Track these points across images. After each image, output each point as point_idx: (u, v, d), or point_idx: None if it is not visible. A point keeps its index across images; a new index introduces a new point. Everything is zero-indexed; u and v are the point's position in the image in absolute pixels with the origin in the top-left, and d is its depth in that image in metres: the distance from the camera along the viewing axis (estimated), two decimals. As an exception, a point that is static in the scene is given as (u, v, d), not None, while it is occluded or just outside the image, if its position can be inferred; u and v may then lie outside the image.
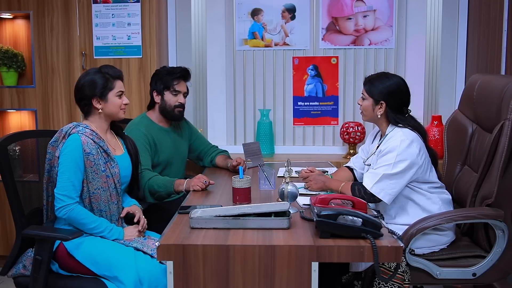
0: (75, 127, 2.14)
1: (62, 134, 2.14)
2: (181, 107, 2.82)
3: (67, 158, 2.08)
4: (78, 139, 2.10)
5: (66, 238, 2.02)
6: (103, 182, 2.14)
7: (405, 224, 2.26)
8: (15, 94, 3.41)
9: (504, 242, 2.15)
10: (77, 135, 2.11)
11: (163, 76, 2.81)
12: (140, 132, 2.70)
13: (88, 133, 2.13)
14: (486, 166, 2.19)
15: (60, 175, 2.08)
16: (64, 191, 2.07)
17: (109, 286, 1.99)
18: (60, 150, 2.10)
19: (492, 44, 2.98)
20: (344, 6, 3.55)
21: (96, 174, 2.13)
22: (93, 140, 2.13)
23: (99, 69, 2.23)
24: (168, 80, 2.79)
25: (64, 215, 2.07)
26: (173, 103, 2.80)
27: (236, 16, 3.61)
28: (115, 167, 2.19)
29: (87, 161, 2.10)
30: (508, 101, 2.12)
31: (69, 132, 2.13)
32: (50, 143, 2.16)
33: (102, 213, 2.16)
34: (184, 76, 2.83)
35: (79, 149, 2.09)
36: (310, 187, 2.40)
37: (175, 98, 2.80)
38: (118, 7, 3.33)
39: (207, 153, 3.08)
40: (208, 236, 1.79)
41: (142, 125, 2.77)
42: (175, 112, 2.81)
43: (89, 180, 2.12)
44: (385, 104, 2.31)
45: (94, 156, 2.11)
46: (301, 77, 3.64)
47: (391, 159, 2.21)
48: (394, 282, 2.08)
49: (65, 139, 2.11)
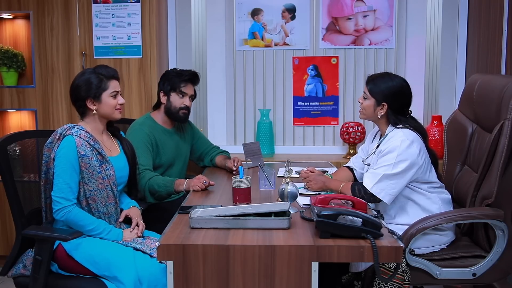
0: (70, 129, 2.13)
1: (57, 135, 2.13)
2: (186, 109, 2.83)
3: (62, 161, 2.07)
4: (72, 141, 2.09)
5: (66, 238, 2.02)
6: (99, 184, 2.14)
7: (405, 224, 2.26)
8: (15, 94, 3.41)
9: (504, 242, 2.15)
10: (71, 137, 2.10)
11: (172, 78, 2.82)
12: (143, 132, 2.71)
13: (83, 135, 2.13)
14: (486, 166, 2.19)
15: (56, 177, 2.07)
16: (61, 193, 2.06)
17: (109, 286, 1.99)
18: (55, 152, 2.10)
19: (492, 44, 2.98)
20: (344, 6, 3.55)
21: (92, 176, 2.12)
22: (87, 142, 2.12)
23: (94, 69, 2.22)
24: (175, 82, 2.81)
25: (62, 217, 2.07)
26: (179, 105, 2.80)
27: (236, 16, 3.61)
28: (110, 169, 2.18)
29: (82, 163, 2.10)
30: (508, 101, 2.12)
31: (64, 134, 2.12)
32: (46, 145, 2.16)
33: (100, 214, 2.16)
34: (192, 80, 2.84)
35: (74, 151, 2.08)
36: (310, 187, 2.40)
37: (181, 100, 2.81)
38: (118, 7, 3.33)
39: (208, 153, 3.08)
40: (208, 236, 1.79)
41: (145, 125, 2.78)
42: (179, 113, 2.82)
43: (85, 182, 2.11)
44: (387, 105, 2.31)
45: (89, 157, 2.11)
46: (301, 77, 3.64)
47: (391, 159, 2.21)
48: (394, 282, 2.08)
49: (60, 141, 2.11)
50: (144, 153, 2.63)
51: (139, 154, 2.54)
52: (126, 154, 2.32)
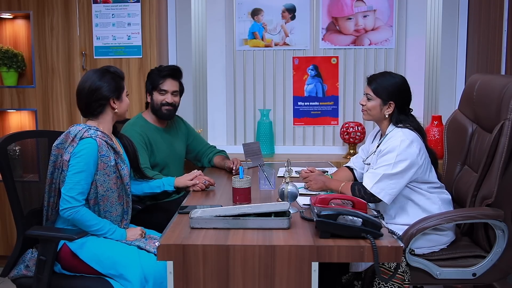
0: (87, 131, 2.11)
1: (70, 137, 2.11)
2: (169, 105, 2.81)
3: (80, 161, 2.06)
4: (94, 142, 2.09)
5: (71, 238, 2.02)
6: (113, 184, 2.14)
7: (405, 224, 2.26)
8: (15, 94, 3.41)
9: (504, 242, 2.15)
10: (92, 139, 2.09)
11: (152, 76, 2.84)
12: (135, 132, 2.71)
13: (101, 136, 2.13)
14: (486, 166, 2.19)
15: (71, 177, 2.06)
16: (72, 193, 2.06)
17: (114, 285, 1.99)
18: (70, 153, 2.08)
19: (492, 44, 2.98)
20: (344, 6, 3.55)
21: (108, 176, 2.12)
22: (106, 142, 2.13)
23: (107, 69, 2.22)
24: (155, 80, 2.81)
25: (69, 216, 2.07)
26: (160, 102, 2.80)
27: (236, 16, 3.61)
28: (125, 168, 2.19)
29: (100, 163, 2.10)
30: (508, 101, 2.12)
31: (81, 136, 2.10)
32: (56, 145, 2.14)
33: (107, 214, 2.16)
34: (172, 75, 2.83)
35: (95, 153, 2.08)
36: (310, 187, 2.40)
37: (162, 97, 2.80)
38: (118, 7, 3.33)
39: (205, 153, 3.07)
40: (208, 236, 1.80)
41: (137, 125, 2.78)
42: (162, 110, 2.81)
43: (100, 183, 2.11)
44: (394, 104, 2.31)
45: (107, 158, 2.11)
46: (301, 77, 3.64)
47: (391, 159, 2.21)
48: (394, 282, 2.08)
49: (75, 142, 2.09)
50: (140, 152, 2.63)
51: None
52: (127, 149, 2.33)
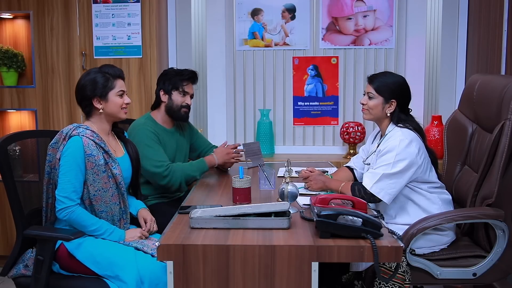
0: (76, 129, 2.13)
1: (62, 135, 2.13)
2: (187, 108, 2.84)
3: (68, 160, 2.07)
4: (79, 140, 2.09)
5: (68, 238, 2.02)
6: (104, 183, 2.14)
7: (405, 224, 2.26)
8: (15, 94, 3.41)
9: (505, 242, 2.15)
10: (78, 137, 2.10)
11: (172, 77, 2.83)
12: (147, 130, 2.72)
13: (89, 135, 2.13)
14: (486, 166, 2.19)
15: (61, 177, 2.08)
16: (65, 193, 2.06)
17: (111, 285, 1.99)
18: (61, 152, 2.10)
19: (492, 44, 2.98)
20: (344, 6, 3.55)
21: (97, 176, 2.12)
22: (94, 141, 2.13)
23: (99, 68, 2.22)
24: (177, 81, 2.82)
25: (65, 216, 2.07)
26: (180, 103, 2.81)
27: (236, 16, 3.61)
28: (116, 168, 2.18)
29: (88, 163, 2.10)
30: (508, 101, 2.12)
31: (70, 134, 2.11)
32: (51, 145, 2.16)
33: (103, 214, 2.16)
34: (192, 79, 2.86)
35: (81, 151, 2.08)
36: (310, 187, 2.40)
37: (183, 99, 2.81)
38: (118, 7, 3.33)
39: (207, 153, 3.08)
40: (208, 236, 1.79)
41: (148, 125, 2.79)
42: (181, 112, 2.82)
43: (90, 183, 2.11)
44: (396, 102, 2.31)
45: (95, 157, 2.11)
46: (301, 77, 3.64)
47: (390, 159, 2.21)
48: (395, 282, 2.08)
49: (65, 141, 2.10)
50: (158, 150, 2.66)
51: (154, 152, 2.61)
52: (130, 156, 2.32)
